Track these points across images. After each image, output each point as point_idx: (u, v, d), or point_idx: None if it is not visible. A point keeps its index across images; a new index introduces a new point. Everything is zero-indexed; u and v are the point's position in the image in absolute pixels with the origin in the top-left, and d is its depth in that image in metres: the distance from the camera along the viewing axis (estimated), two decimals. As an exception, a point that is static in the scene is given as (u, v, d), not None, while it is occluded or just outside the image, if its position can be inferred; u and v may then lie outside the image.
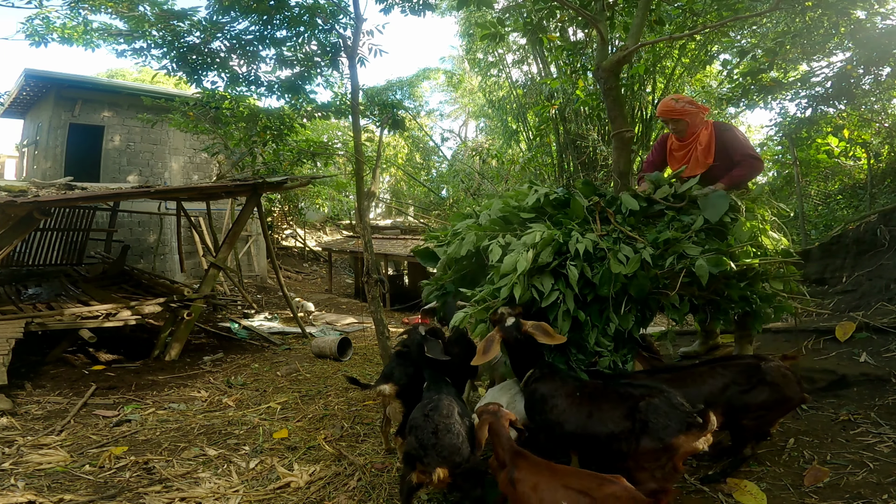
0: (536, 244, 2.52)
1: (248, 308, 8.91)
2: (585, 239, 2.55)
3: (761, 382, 2.33)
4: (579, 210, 2.79)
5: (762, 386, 2.33)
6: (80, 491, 2.75)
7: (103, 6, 5.87)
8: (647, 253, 2.51)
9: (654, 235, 2.64)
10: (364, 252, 5.29)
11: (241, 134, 8.32)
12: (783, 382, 2.33)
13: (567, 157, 10.05)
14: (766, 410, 2.34)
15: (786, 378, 2.35)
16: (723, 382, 2.38)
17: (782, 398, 2.34)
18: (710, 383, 2.39)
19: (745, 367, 2.42)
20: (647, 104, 9.97)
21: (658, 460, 1.85)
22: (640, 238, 2.64)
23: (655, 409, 1.91)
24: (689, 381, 2.43)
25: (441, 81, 20.69)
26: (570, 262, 2.52)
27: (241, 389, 4.79)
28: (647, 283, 2.52)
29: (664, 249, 2.58)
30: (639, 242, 2.62)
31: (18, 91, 10.32)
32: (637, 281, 2.49)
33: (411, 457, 2.03)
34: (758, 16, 5.05)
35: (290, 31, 6.46)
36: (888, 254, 4.60)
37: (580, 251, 2.51)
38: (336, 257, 16.05)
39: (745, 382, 2.36)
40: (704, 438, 1.84)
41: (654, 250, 2.56)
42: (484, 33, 4.66)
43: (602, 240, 2.59)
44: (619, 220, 2.77)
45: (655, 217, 2.89)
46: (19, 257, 7.72)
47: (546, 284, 2.51)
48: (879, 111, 7.79)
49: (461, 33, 12.71)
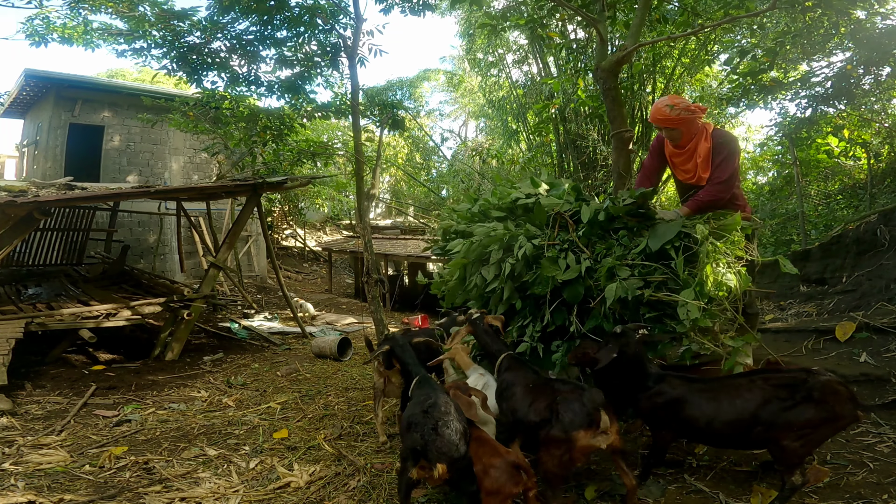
0: (482, 240, 2.97)
1: (248, 308, 8.91)
2: (528, 243, 2.82)
3: (807, 399, 2.09)
4: (541, 216, 3.03)
5: (808, 403, 2.08)
6: (80, 491, 2.75)
7: (103, 6, 5.88)
8: (585, 265, 2.71)
9: (600, 250, 2.80)
10: (364, 252, 5.29)
11: (241, 134, 8.33)
12: (833, 399, 2.07)
13: (567, 157, 10.05)
14: (812, 429, 2.08)
15: (837, 394, 2.09)
16: (762, 397, 2.15)
17: (832, 416, 2.07)
18: (746, 397, 2.18)
19: (789, 380, 2.18)
20: (647, 104, 9.97)
21: (560, 449, 2.13)
22: (585, 250, 2.82)
23: (567, 404, 2.17)
24: (723, 393, 2.25)
25: (441, 82, 20.71)
26: (509, 260, 2.86)
27: (241, 389, 4.79)
28: (581, 290, 2.74)
29: (600, 264, 2.71)
30: (584, 254, 2.79)
31: (18, 91, 10.32)
32: (572, 287, 2.73)
33: (416, 452, 2.04)
34: (756, 15, 5.04)
35: (291, 31, 6.47)
36: (888, 254, 4.60)
37: (519, 254, 2.81)
38: (336, 257, 16.05)
39: (788, 398, 2.12)
40: (604, 437, 2.08)
41: (593, 263, 2.74)
42: (483, 22, 4.70)
43: (551, 247, 2.81)
44: (574, 230, 2.93)
45: (619, 230, 2.90)
46: (19, 257, 7.72)
47: (490, 274, 2.96)
48: (879, 111, 7.78)
49: (461, 33, 12.71)
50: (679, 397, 2.32)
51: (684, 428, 2.35)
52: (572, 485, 2.51)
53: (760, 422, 2.12)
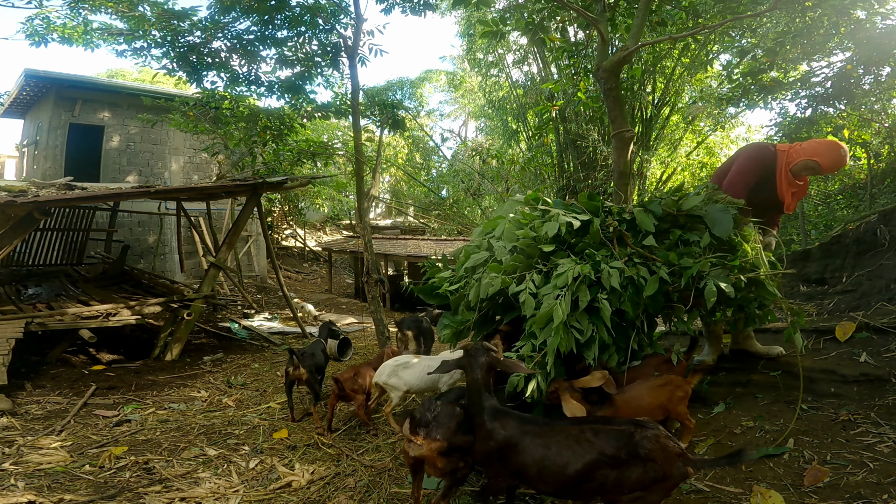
0: (569, 285, 2.43)
1: (248, 308, 8.91)
2: (614, 269, 2.49)
3: (634, 456, 1.86)
4: (597, 235, 2.69)
5: (635, 461, 1.86)
6: (80, 491, 2.75)
7: (103, 6, 5.87)
8: (664, 272, 2.54)
9: (664, 253, 2.63)
10: (364, 252, 5.29)
11: (241, 134, 8.33)
12: (662, 457, 1.85)
13: (567, 157, 10.06)
14: (644, 491, 1.86)
15: (665, 451, 1.85)
16: (589, 452, 1.91)
17: (660, 476, 1.85)
18: (574, 450, 1.94)
19: (616, 434, 1.93)
20: (647, 104, 9.98)
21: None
22: (656, 258, 2.62)
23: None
24: (553, 442, 1.99)
25: (442, 82, 20.72)
26: (603, 297, 2.46)
27: (241, 389, 4.79)
28: (662, 300, 2.61)
29: (680, 268, 2.57)
30: (655, 263, 2.60)
31: (18, 91, 10.32)
32: (655, 299, 2.56)
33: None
34: (757, 15, 5.04)
35: (291, 31, 6.47)
36: (888, 254, 4.60)
37: (615, 284, 2.45)
38: (336, 257, 16.05)
39: (614, 455, 1.88)
40: (412, 445, 2.19)
41: (667, 269, 2.57)
42: (485, 31, 4.66)
43: (626, 266, 2.56)
44: (634, 241, 2.72)
45: (659, 234, 2.84)
46: (19, 257, 7.72)
47: (584, 324, 2.45)
48: (879, 111, 7.78)
49: (461, 33, 12.72)
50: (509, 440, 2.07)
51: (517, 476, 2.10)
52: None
53: (588, 479, 1.91)
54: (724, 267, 2.54)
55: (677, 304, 2.63)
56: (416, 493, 2.39)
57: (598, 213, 2.86)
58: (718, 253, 2.64)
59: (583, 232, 2.74)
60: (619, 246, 2.69)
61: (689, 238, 2.72)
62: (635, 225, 2.79)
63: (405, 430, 2.27)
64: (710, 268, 2.52)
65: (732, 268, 2.55)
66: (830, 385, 3.04)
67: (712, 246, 2.66)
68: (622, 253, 2.65)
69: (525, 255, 2.76)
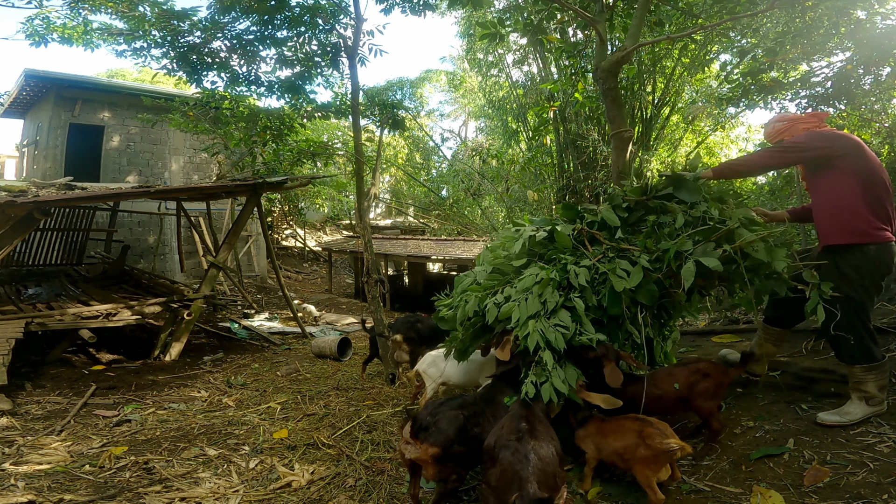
0: (532, 289, 2.58)
1: (248, 308, 8.91)
2: (581, 268, 2.60)
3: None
4: (565, 241, 2.80)
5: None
6: (80, 491, 2.74)
7: (103, 6, 5.87)
8: (644, 260, 2.54)
9: (642, 241, 2.66)
10: (364, 252, 5.29)
11: (241, 134, 8.33)
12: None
13: (567, 157, 10.05)
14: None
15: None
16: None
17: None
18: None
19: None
20: (646, 104, 9.97)
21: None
22: (633, 248, 2.66)
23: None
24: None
25: (442, 82, 20.72)
26: (574, 296, 2.57)
27: (241, 389, 4.79)
28: (655, 288, 2.57)
29: (661, 252, 2.57)
30: (633, 252, 2.64)
31: (18, 91, 10.33)
32: (644, 289, 2.54)
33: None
34: (754, 15, 5.04)
35: (291, 31, 6.46)
36: (888, 254, 4.59)
37: (583, 282, 2.56)
38: (336, 257, 16.05)
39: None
40: (408, 447, 2.27)
41: (649, 255, 2.58)
42: (484, 33, 4.64)
43: (599, 263, 2.62)
44: (607, 237, 2.79)
45: (636, 223, 2.88)
46: (19, 257, 7.72)
47: (566, 319, 2.53)
48: (879, 111, 7.78)
49: (461, 33, 12.70)
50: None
51: None
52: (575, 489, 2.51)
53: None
54: (707, 241, 2.50)
55: (675, 291, 2.60)
56: (414, 490, 2.40)
57: (575, 220, 2.95)
58: (703, 227, 2.59)
59: (551, 241, 2.86)
60: (595, 245, 2.79)
61: (663, 221, 2.72)
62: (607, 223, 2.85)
63: (405, 431, 2.29)
64: (694, 245, 2.49)
65: (719, 239, 2.49)
66: (830, 385, 3.04)
67: (697, 222, 2.63)
68: (596, 252, 2.71)
69: (500, 272, 2.94)
